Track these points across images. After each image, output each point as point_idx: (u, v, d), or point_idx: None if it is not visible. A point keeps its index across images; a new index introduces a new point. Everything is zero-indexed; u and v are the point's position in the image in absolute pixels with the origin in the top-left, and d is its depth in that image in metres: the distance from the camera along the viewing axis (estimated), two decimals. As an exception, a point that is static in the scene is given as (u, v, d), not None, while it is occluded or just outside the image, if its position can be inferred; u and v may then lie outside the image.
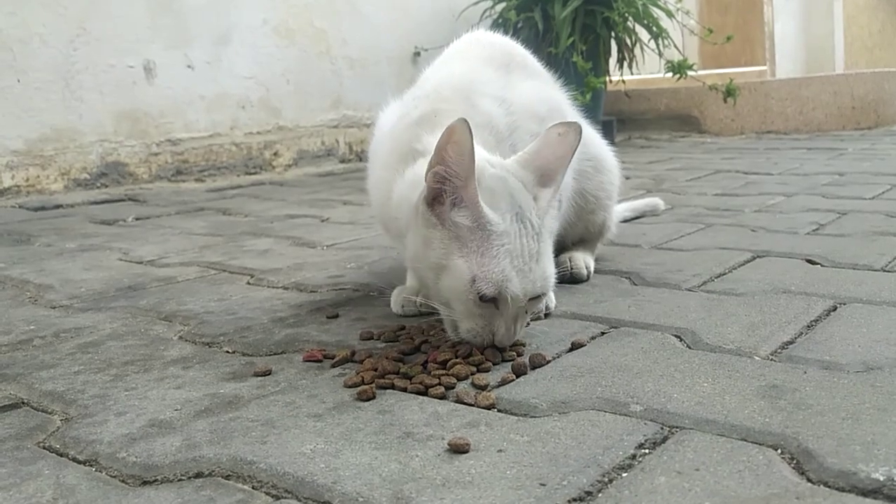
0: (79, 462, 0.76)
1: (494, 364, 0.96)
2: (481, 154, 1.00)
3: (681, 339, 1.03)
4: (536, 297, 0.98)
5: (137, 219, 2.32)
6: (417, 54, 3.87)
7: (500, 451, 0.73)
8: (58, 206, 2.55)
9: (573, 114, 1.36)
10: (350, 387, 0.91)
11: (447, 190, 0.94)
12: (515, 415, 0.82)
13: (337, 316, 1.21)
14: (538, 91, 1.28)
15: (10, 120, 2.65)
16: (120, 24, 2.91)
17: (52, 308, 1.35)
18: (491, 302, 0.94)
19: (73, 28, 2.79)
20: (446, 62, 1.26)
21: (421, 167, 1.00)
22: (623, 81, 4.01)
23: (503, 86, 1.17)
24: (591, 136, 1.41)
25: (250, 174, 3.30)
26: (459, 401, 0.86)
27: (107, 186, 2.88)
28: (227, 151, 3.26)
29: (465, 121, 0.90)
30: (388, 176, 1.10)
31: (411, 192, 1.02)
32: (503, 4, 3.89)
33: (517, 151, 1.16)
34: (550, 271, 0.99)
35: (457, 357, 0.95)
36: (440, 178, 0.94)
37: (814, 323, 1.07)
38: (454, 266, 0.94)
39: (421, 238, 0.98)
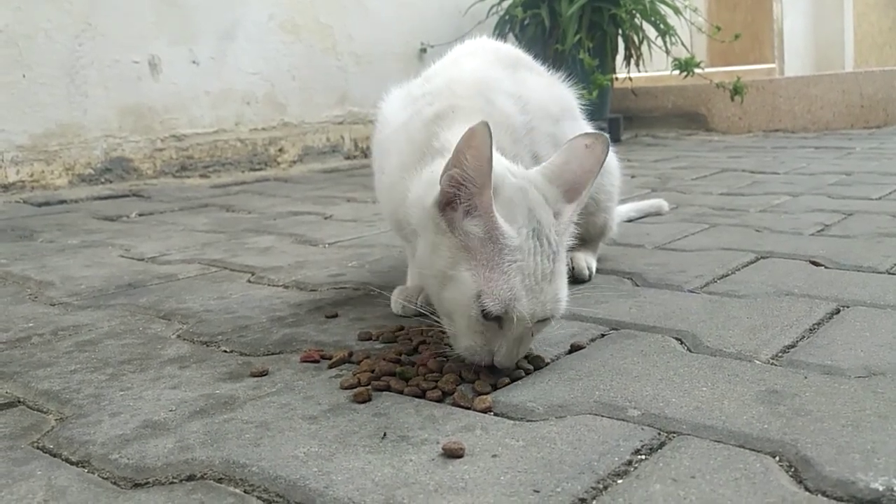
0: (71, 463, 0.76)
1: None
2: (502, 162, 0.95)
3: (681, 342, 1.02)
4: (544, 320, 0.92)
5: (141, 215, 2.31)
6: (423, 50, 3.86)
7: (494, 456, 0.73)
8: (62, 202, 2.56)
9: (581, 113, 1.35)
10: (346, 388, 0.90)
11: (461, 196, 0.88)
12: (512, 418, 0.81)
13: (336, 315, 1.20)
14: (548, 88, 1.27)
15: (15, 115, 2.65)
16: (125, 20, 2.91)
17: (51, 305, 1.34)
18: (495, 321, 0.88)
19: (78, 23, 2.79)
20: (456, 61, 1.24)
21: (438, 166, 0.94)
22: (630, 79, 4.00)
23: (515, 82, 1.16)
24: None
25: (255, 170, 3.30)
26: (456, 404, 0.85)
27: (111, 182, 2.88)
28: (232, 147, 3.25)
29: (486, 124, 0.83)
30: (404, 176, 1.04)
31: (427, 192, 0.95)
32: (510, 1, 3.87)
33: (534, 153, 1.15)
34: (563, 294, 0.92)
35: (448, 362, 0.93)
36: (455, 182, 0.88)
37: (816, 326, 1.06)
38: (460, 278, 0.88)
39: (430, 243, 0.93)
